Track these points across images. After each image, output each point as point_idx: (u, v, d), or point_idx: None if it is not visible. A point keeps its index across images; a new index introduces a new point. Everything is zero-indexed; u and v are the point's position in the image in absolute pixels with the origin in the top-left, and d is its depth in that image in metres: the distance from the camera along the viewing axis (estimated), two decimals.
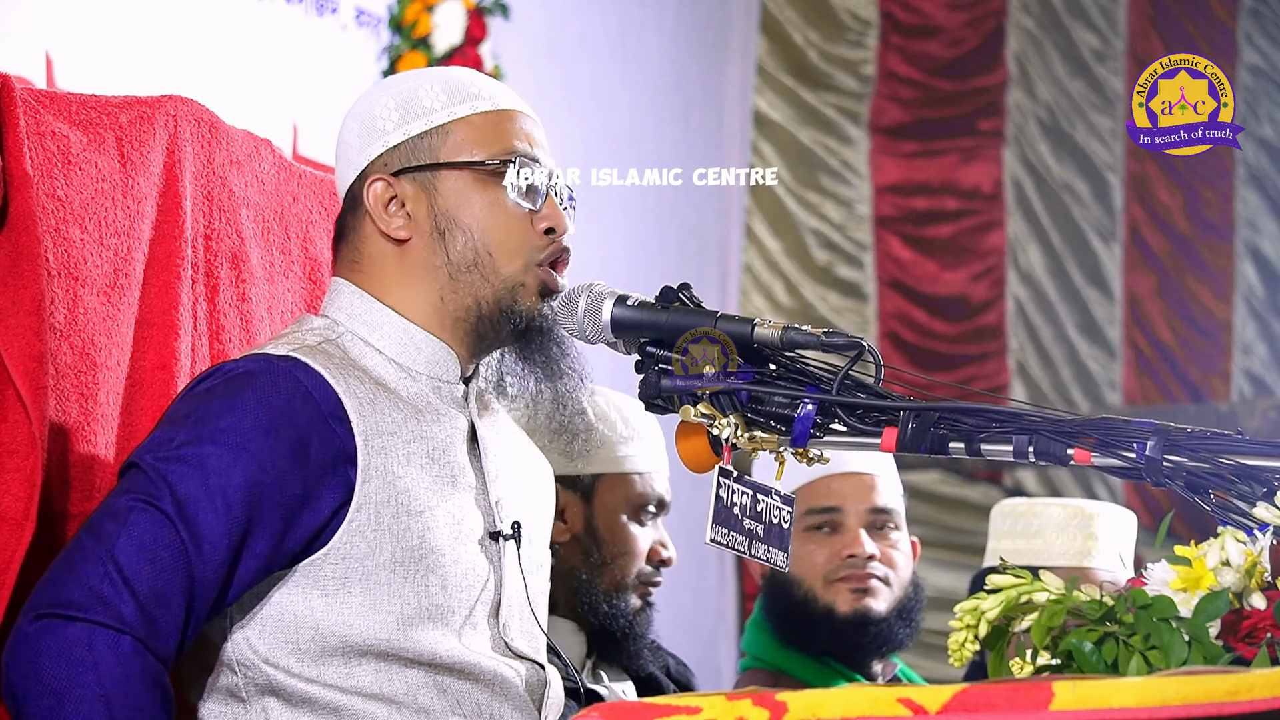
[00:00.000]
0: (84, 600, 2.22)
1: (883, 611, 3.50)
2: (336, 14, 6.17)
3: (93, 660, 2.21)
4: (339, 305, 2.47)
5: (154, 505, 2.27)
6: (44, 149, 2.44)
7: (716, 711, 1.82)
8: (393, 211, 2.46)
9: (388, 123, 2.47)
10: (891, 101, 8.75)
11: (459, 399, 2.47)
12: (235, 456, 2.29)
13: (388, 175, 2.46)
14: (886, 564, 3.53)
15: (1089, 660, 1.94)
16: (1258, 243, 10.64)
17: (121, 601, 2.23)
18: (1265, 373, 10.52)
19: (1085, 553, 3.78)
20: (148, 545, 2.25)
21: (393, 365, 2.43)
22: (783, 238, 8.28)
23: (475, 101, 2.49)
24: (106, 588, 2.23)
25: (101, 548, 2.25)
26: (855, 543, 3.52)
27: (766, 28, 8.24)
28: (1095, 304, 9.72)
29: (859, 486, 3.55)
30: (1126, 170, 9.90)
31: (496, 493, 2.46)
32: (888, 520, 3.57)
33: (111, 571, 2.24)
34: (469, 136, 2.46)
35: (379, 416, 2.37)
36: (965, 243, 9.05)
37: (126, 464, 2.33)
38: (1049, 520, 3.82)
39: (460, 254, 2.44)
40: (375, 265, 2.47)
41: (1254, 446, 2.10)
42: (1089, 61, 9.74)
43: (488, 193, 2.45)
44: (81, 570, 2.24)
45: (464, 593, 2.38)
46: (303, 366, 2.35)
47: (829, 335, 2.32)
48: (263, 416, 2.31)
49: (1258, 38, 10.59)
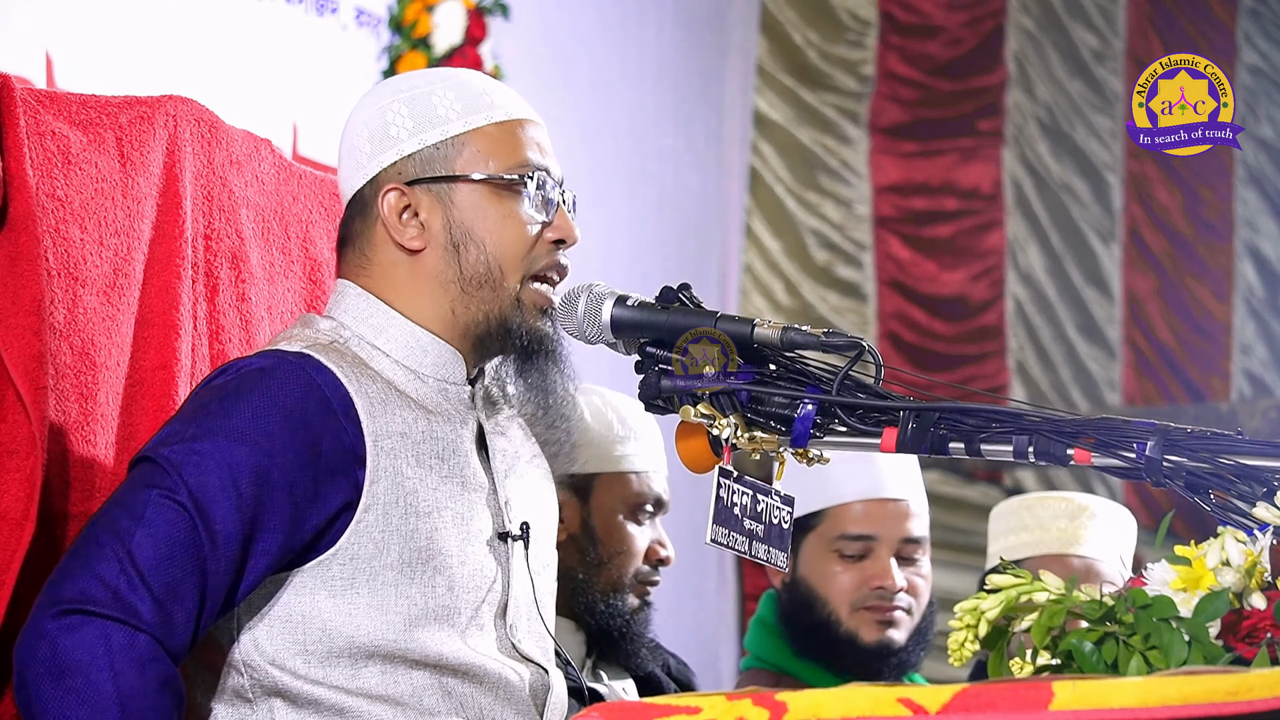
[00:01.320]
0: (101, 596, 2.22)
1: (903, 641, 3.51)
2: (336, 14, 6.17)
3: (109, 659, 2.21)
4: (345, 308, 2.47)
5: (171, 499, 2.26)
6: (44, 149, 2.44)
7: (716, 711, 1.82)
8: (407, 221, 2.45)
9: (401, 130, 2.46)
10: (891, 101, 8.75)
11: (466, 400, 2.47)
12: (249, 452, 2.29)
13: (402, 184, 2.45)
14: (912, 594, 3.53)
15: (1089, 660, 1.94)
16: (1257, 243, 10.65)
17: (139, 599, 2.23)
18: (1264, 373, 10.52)
19: (1074, 540, 3.79)
20: (164, 540, 2.25)
21: (400, 367, 2.43)
22: (782, 238, 8.28)
23: (490, 111, 2.47)
24: (123, 584, 2.23)
25: (118, 543, 2.24)
26: (885, 575, 3.50)
27: (766, 28, 8.24)
28: (1094, 304, 9.72)
29: (895, 515, 3.53)
30: (1126, 170, 9.90)
31: (505, 493, 2.46)
32: (917, 550, 3.56)
33: (128, 567, 2.23)
34: (484, 148, 2.45)
35: (389, 417, 2.37)
36: (964, 243, 9.05)
37: (138, 457, 2.32)
38: (1044, 513, 3.84)
39: (472, 267, 2.43)
40: (385, 273, 2.46)
41: (1254, 446, 2.10)
42: (1088, 62, 9.74)
43: (503, 206, 2.45)
44: (98, 566, 2.23)
45: (470, 594, 2.38)
46: (315, 364, 2.35)
47: (829, 335, 2.32)
48: (276, 413, 2.31)
49: (1257, 38, 10.60)
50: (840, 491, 3.50)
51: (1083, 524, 3.80)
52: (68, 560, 2.26)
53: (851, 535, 3.51)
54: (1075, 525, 3.80)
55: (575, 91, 7.16)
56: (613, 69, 7.41)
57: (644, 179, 7.54)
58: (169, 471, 2.28)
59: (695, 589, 7.28)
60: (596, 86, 7.30)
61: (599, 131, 7.25)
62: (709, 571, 7.51)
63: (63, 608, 2.21)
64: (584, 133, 7.09)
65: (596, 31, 7.34)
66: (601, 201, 7.17)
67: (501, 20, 6.53)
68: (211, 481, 2.28)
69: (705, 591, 7.48)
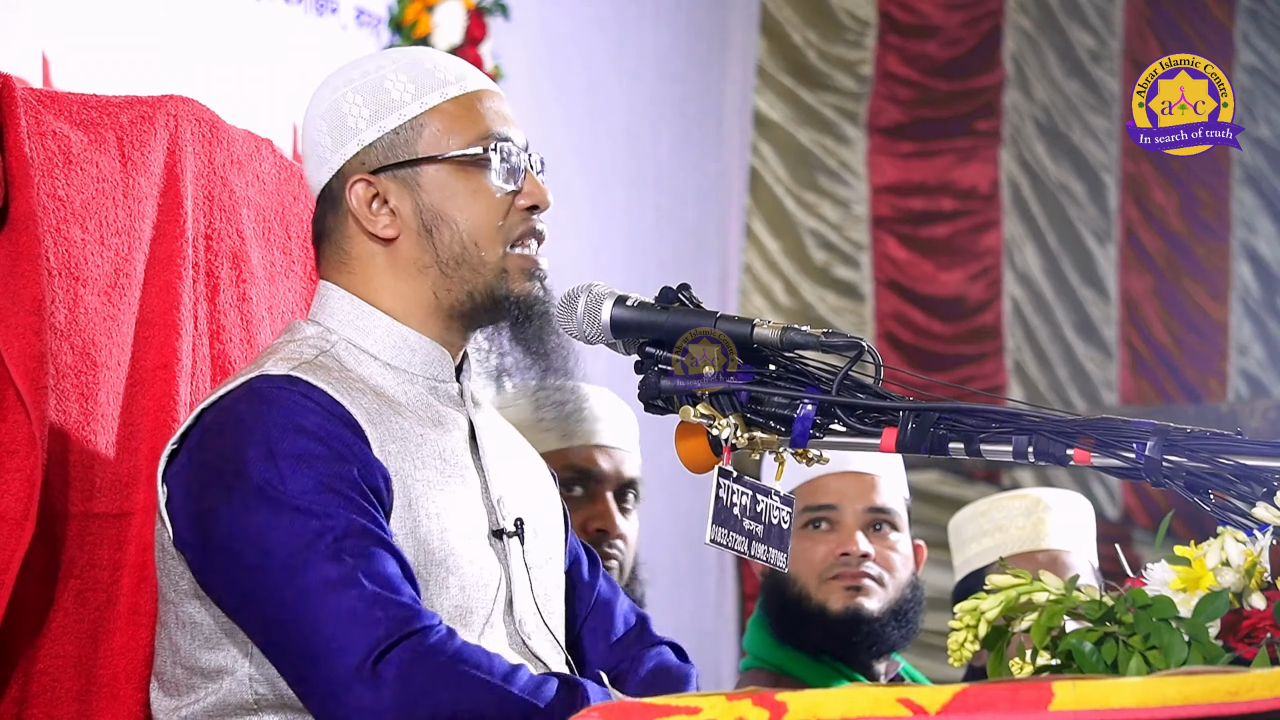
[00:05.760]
0: (382, 633, 2.21)
1: (875, 611, 3.49)
2: (336, 14, 6.17)
3: (449, 659, 2.21)
4: (330, 311, 2.46)
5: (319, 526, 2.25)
6: (44, 149, 2.44)
7: (716, 711, 1.82)
8: (377, 210, 2.44)
9: (359, 119, 2.45)
10: (889, 102, 8.75)
11: (455, 397, 2.47)
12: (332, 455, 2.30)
13: (367, 174, 2.44)
14: (882, 564, 3.53)
15: (1089, 660, 1.94)
16: (1254, 243, 10.64)
17: (400, 607, 2.22)
18: (1261, 373, 10.52)
19: (1036, 536, 3.81)
20: (375, 556, 2.25)
21: (389, 369, 2.43)
22: (782, 238, 8.28)
23: (444, 88, 2.46)
24: (379, 609, 2.21)
25: (350, 586, 2.22)
26: (850, 541, 3.52)
27: (766, 28, 8.24)
28: (1091, 304, 9.72)
29: (859, 485, 3.55)
30: (1122, 171, 9.90)
31: (497, 490, 2.45)
32: (886, 520, 3.56)
33: (369, 593, 2.22)
34: (444, 126, 2.44)
35: (387, 424, 2.36)
36: (962, 243, 9.05)
37: (219, 533, 2.28)
38: (1000, 515, 3.85)
39: (448, 248, 2.42)
40: (364, 266, 2.45)
41: (1254, 446, 2.10)
42: (1085, 62, 9.74)
43: (470, 181, 2.43)
44: (352, 615, 2.22)
45: (480, 592, 2.37)
46: (303, 384, 2.33)
47: (828, 335, 2.32)
48: (324, 423, 2.31)
49: (1255, 38, 10.60)
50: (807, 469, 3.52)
51: (1041, 518, 3.82)
52: (322, 644, 2.22)
53: (815, 506, 3.53)
54: (1034, 521, 3.82)
55: (575, 91, 7.16)
56: (613, 69, 7.41)
57: (643, 179, 7.54)
58: (303, 515, 2.25)
59: (695, 589, 7.28)
60: (596, 86, 7.30)
61: (599, 131, 7.25)
62: (709, 571, 7.51)
63: (379, 652, 2.20)
64: (583, 132, 7.09)
65: (596, 31, 7.34)
66: (601, 201, 7.17)
67: (501, 20, 6.53)
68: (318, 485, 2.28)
69: (705, 591, 7.48)
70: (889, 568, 3.53)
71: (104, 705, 2.44)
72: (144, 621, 2.45)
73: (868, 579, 3.50)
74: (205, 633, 2.34)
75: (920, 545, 3.67)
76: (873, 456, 3.51)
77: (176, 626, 2.36)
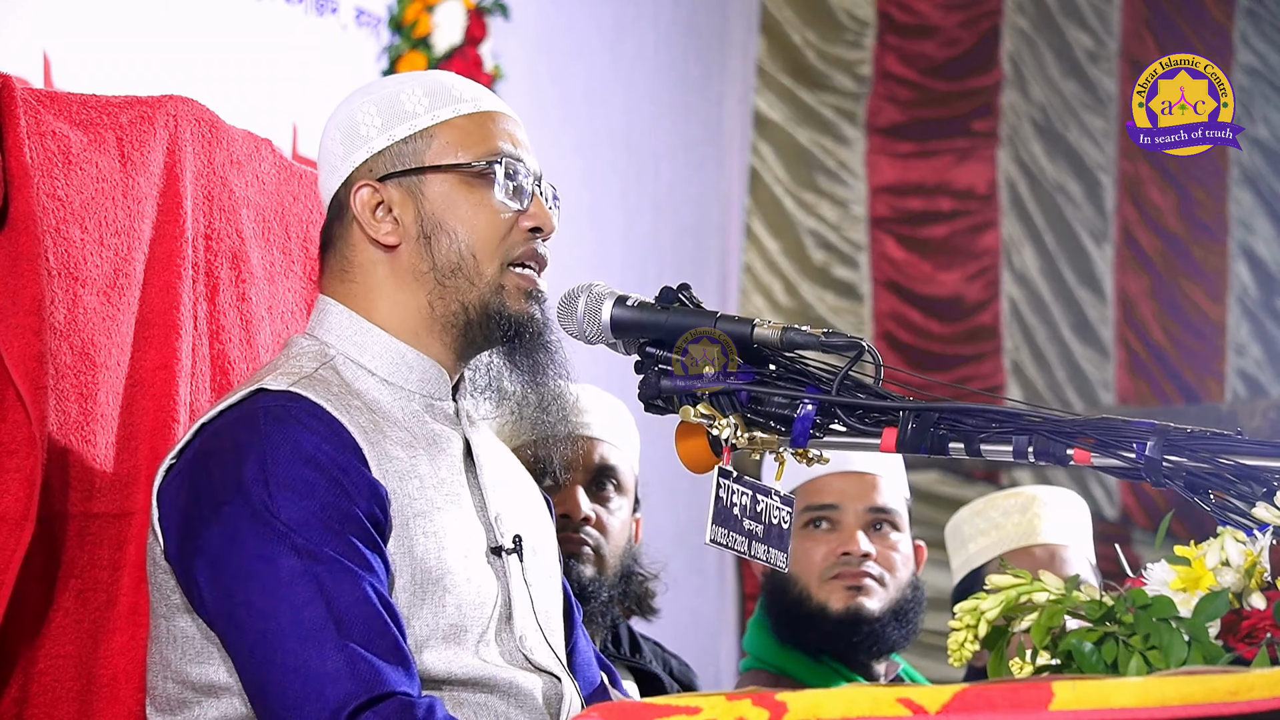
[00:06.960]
0: (357, 690, 2.18)
1: (876, 611, 3.49)
2: (336, 14, 6.17)
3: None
4: (328, 326, 2.45)
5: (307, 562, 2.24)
6: (44, 149, 2.44)
7: (716, 711, 1.82)
8: (380, 217, 2.44)
9: (370, 128, 2.46)
10: (888, 102, 8.76)
11: (451, 416, 2.46)
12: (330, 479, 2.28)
13: (373, 181, 2.44)
14: (883, 564, 3.53)
15: (1089, 660, 1.95)
16: (1251, 243, 10.65)
17: (371, 669, 2.20)
18: (1259, 373, 10.53)
19: (1031, 532, 3.82)
20: (359, 604, 2.23)
21: (386, 385, 2.42)
22: (781, 238, 8.28)
23: (458, 104, 2.47)
24: (362, 668, 2.19)
25: (326, 640, 2.20)
26: (850, 541, 3.52)
27: (766, 28, 8.24)
28: (1089, 305, 9.73)
29: (859, 485, 3.55)
30: (1119, 171, 9.91)
31: (495, 508, 2.44)
32: (886, 520, 3.56)
33: (348, 648, 2.20)
34: (453, 139, 2.45)
35: (383, 441, 2.35)
36: (960, 243, 9.06)
37: (216, 553, 2.27)
38: (995, 513, 3.86)
39: (445, 257, 2.42)
40: (365, 274, 2.45)
41: (1254, 447, 2.10)
42: (1083, 62, 9.75)
43: (474, 194, 2.44)
44: (325, 667, 2.19)
45: (477, 610, 2.36)
46: (304, 401, 2.32)
47: (828, 335, 2.32)
48: (324, 445, 2.29)
49: (1253, 38, 10.60)
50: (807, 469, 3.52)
51: (1036, 514, 3.83)
52: (294, 683, 2.20)
53: (816, 506, 3.53)
54: (1029, 517, 3.83)
55: (575, 91, 7.16)
56: (613, 69, 7.41)
57: (643, 178, 7.54)
58: (296, 552, 2.23)
59: (695, 589, 7.28)
60: (596, 86, 7.30)
61: (598, 131, 7.25)
62: (709, 571, 7.51)
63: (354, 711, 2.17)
64: (583, 132, 7.09)
65: (596, 31, 7.34)
66: (601, 201, 7.17)
67: (501, 20, 6.54)
68: (320, 521, 2.26)
69: (705, 591, 7.48)
70: (890, 568, 3.53)
71: (104, 705, 2.44)
72: (144, 621, 2.44)
73: (868, 579, 3.51)
74: (196, 646, 2.33)
75: (920, 545, 3.67)
76: (873, 456, 3.51)
77: (167, 640, 2.35)
